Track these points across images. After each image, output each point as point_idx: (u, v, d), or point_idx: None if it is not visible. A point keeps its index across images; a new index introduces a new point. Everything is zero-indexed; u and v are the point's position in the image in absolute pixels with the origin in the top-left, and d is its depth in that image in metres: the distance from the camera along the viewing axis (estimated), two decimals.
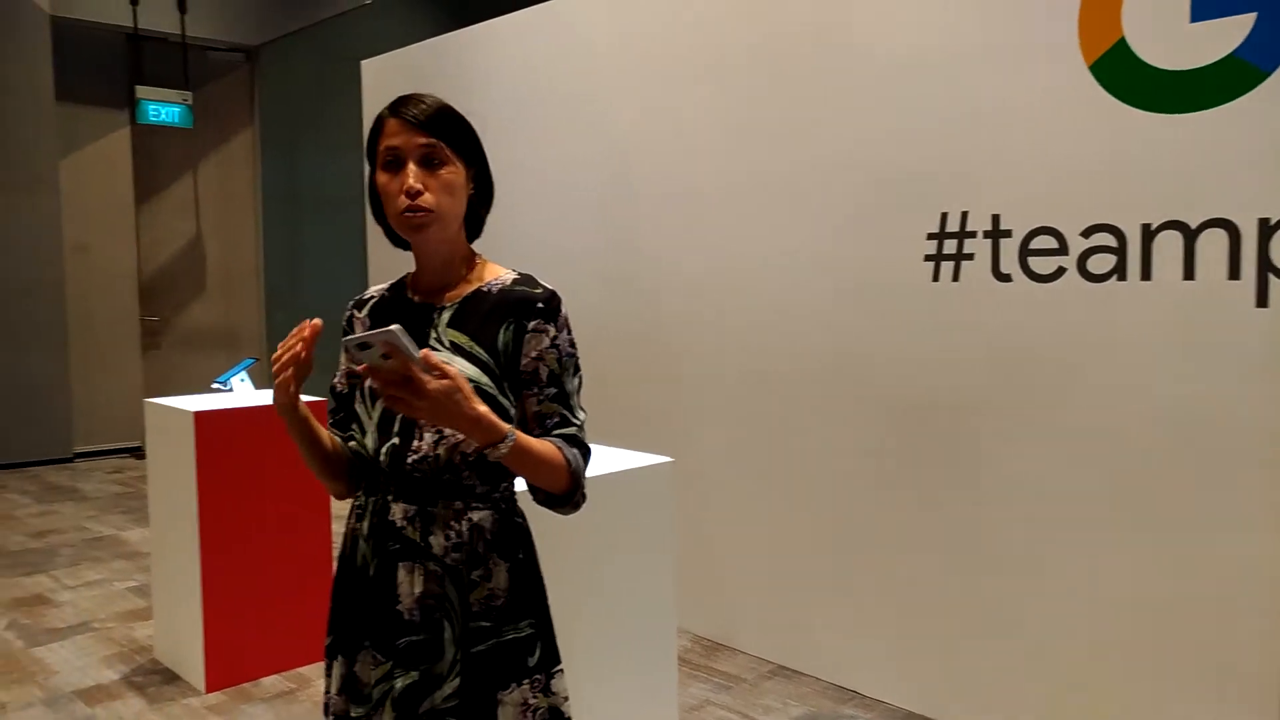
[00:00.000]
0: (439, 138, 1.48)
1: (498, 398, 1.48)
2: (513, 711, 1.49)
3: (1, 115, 7.20)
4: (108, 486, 6.84)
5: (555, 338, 1.52)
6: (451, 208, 1.50)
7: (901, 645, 3.26)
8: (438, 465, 1.48)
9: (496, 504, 1.52)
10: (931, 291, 3.12)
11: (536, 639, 1.54)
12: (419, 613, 1.47)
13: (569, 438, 1.51)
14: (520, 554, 1.54)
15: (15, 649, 3.84)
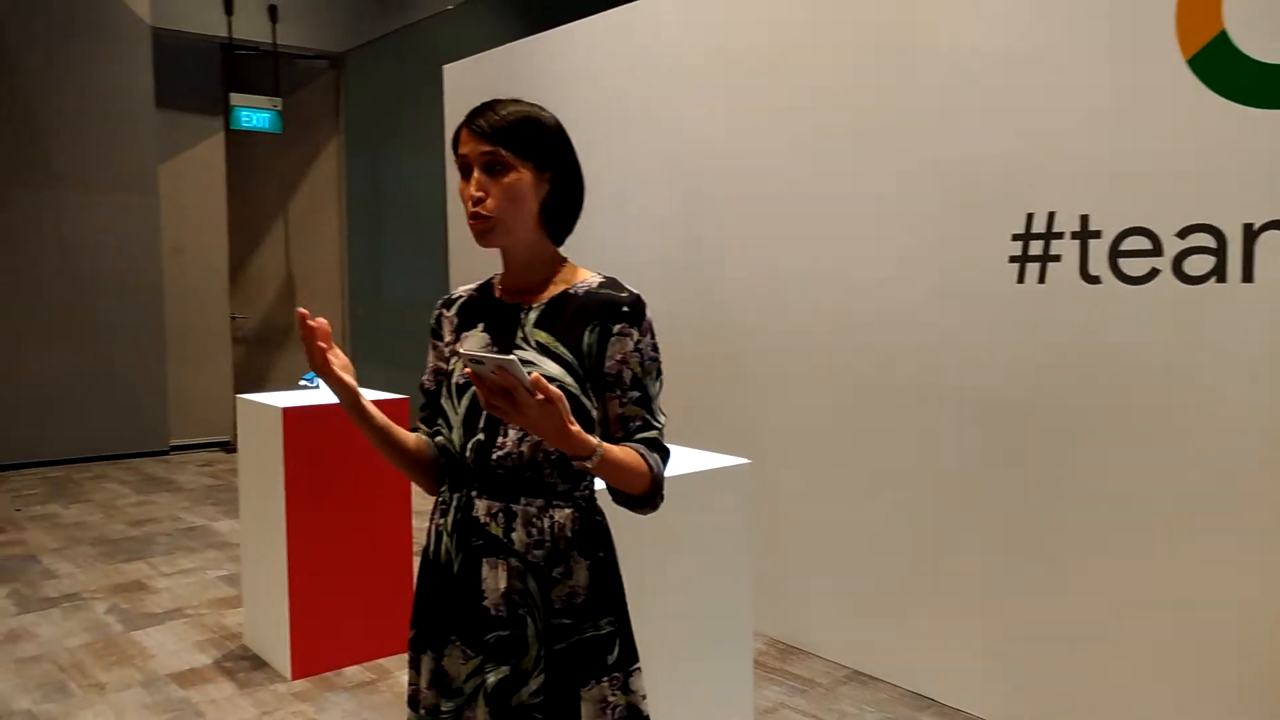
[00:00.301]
0: (502, 145, 1.49)
1: (580, 398, 1.50)
2: (593, 708, 1.51)
3: (106, 122, 7.53)
4: (200, 479, 7.09)
5: (639, 341, 1.53)
6: (512, 213, 1.51)
7: (983, 654, 3.19)
8: (521, 462, 1.50)
9: (577, 502, 1.54)
10: (1016, 294, 3.05)
11: (615, 637, 1.55)
12: (504, 608, 1.50)
13: (650, 441, 1.53)
14: (600, 552, 1.56)
15: (115, 632, 4.01)
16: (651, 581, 2.29)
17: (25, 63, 7.20)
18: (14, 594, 4.49)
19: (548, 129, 1.54)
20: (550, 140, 1.54)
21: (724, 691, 2.60)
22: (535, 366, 1.50)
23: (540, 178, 1.53)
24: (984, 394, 3.15)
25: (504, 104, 1.53)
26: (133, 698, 3.39)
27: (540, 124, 1.53)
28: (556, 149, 1.55)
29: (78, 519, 5.87)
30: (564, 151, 1.56)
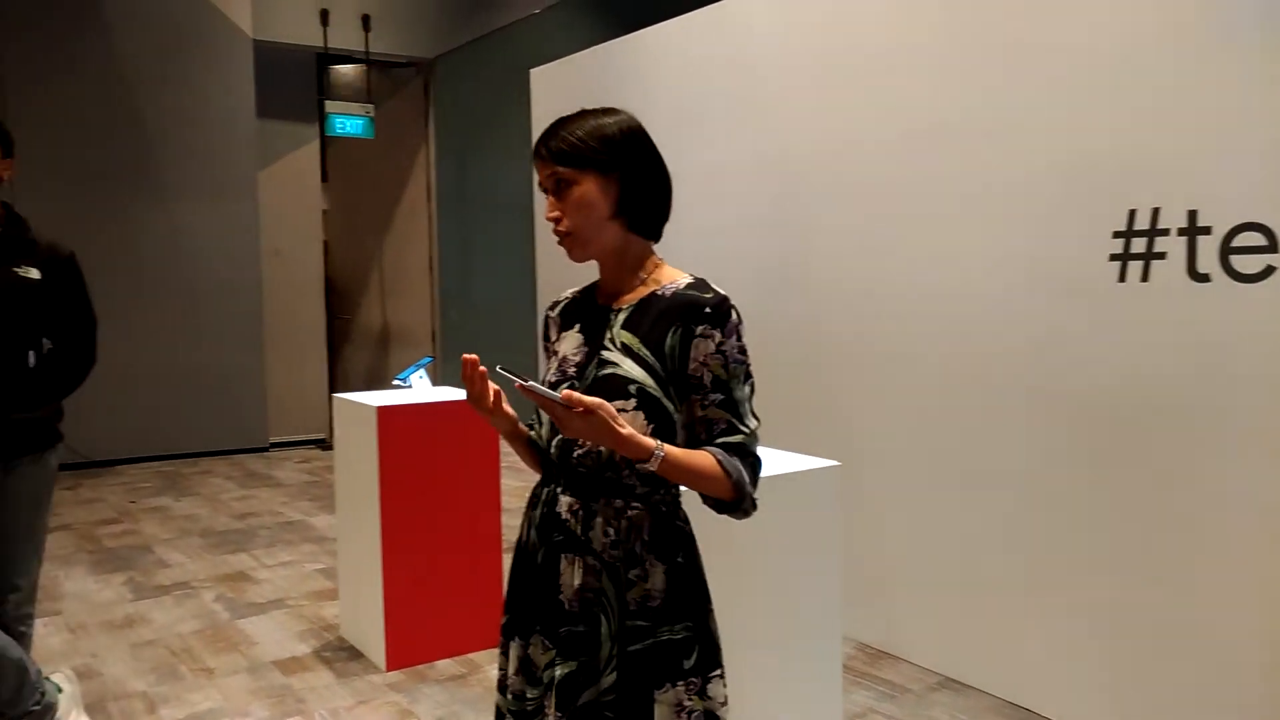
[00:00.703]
0: (560, 164, 1.54)
1: (661, 400, 1.50)
2: (668, 711, 1.51)
3: (211, 132, 7.85)
4: (298, 475, 7.33)
5: (722, 343, 1.51)
6: (586, 224, 1.55)
7: (1084, 663, 3.10)
8: (600, 462, 1.52)
9: (656, 506, 1.55)
10: (1118, 293, 2.95)
11: (694, 642, 1.54)
12: (578, 604, 1.53)
13: (732, 446, 1.51)
14: (679, 557, 1.56)
15: (222, 620, 4.18)
16: (739, 584, 2.29)
17: (138, 80, 7.55)
18: (130, 581, 4.72)
19: (607, 134, 1.55)
20: (611, 143, 1.55)
21: (812, 696, 2.58)
22: (617, 367, 1.53)
23: (607, 181, 1.55)
24: (1083, 396, 3.07)
25: (567, 122, 1.57)
26: (239, 683, 3.53)
27: (600, 131, 1.55)
28: (622, 149, 1.56)
29: (186, 511, 6.13)
30: (632, 150, 1.57)
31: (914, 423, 3.64)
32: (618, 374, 1.52)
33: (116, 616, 4.23)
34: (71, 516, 5.99)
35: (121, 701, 3.37)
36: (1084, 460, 3.07)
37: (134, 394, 7.50)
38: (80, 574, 4.83)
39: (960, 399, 3.46)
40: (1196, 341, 2.76)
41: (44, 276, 2.62)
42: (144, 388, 7.57)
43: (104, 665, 3.69)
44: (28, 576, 2.71)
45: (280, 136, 8.55)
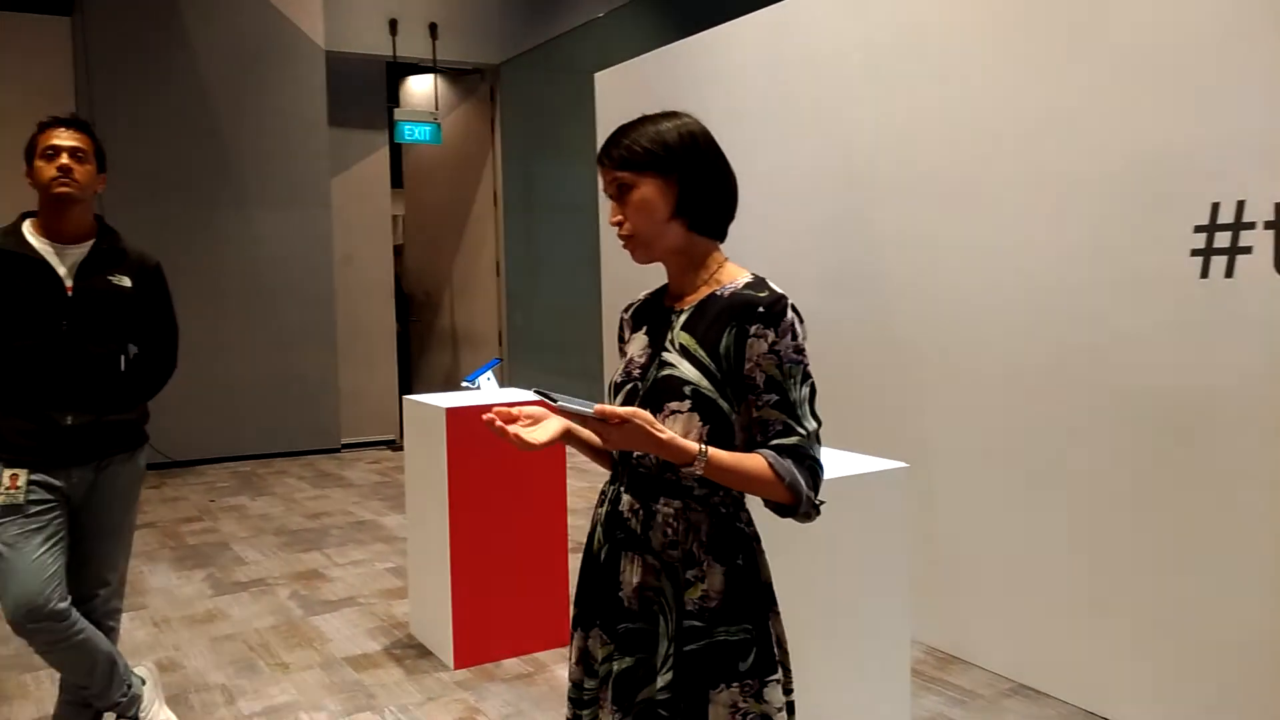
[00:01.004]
0: (619, 169, 1.56)
1: (717, 401, 1.50)
2: (723, 712, 1.51)
3: (285, 142, 8.06)
4: (368, 475, 7.48)
5: (775, 343, 1.50)
6: (647, 225, 1.56)
7: (1162, 670, 3.01)
8: (659, 464, 1.53)
9: (715, 508, 1.55)
10: (1199, 289, 2.87)
11: (751, 644, 1.53)
12: (638, 602, 1.55)
13: (786, 448, 1.49)
14: (739, 559, 1.55)
15: (296, 617, 4.29)
16: (806, 585, 2.28)
17: (218, 93, 7.80)
18: (210, 577, 4.87)
19: (667, 137, 1.56)
20: (670, 146, 1.56)
21: (880, 699, 2.55)
22: (674, 369, 1.53)
23: (667, 183, 1.56)
24: (1163, 395, 2.98)
25: (627, 129, 1.59)
26: (313, 678, 3.62)
27: (659, 136, 1.57)
28: (680, 152, 1.57)
29: (262, 510, 6.30)
30: (691, 151, 1.58)
31: (986, 424, 3.58)
32: (674, 375, 1.53)
33: (197, 611, 4.37)
34: (155, 514, 6.20)
35: (202, 694, 3.48)
36: (1162, 462, 2.99)
37: (214, 397, 7.73)
38: (164, 570, 5.00)
39: (1034, 398, 3.39)
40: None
41: (134, 285, 2.72)
42: (223, 391, 7.80)
43: (186, 658, 3.81)
44: (116, 571, 2.81)
45: (351, 145, 8.75)
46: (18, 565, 2.50)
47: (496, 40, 9.11)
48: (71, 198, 2.57)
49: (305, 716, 3.29)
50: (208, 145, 7.78)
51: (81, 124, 2.64)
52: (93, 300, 2.62)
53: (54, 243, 2.62)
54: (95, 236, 2.69)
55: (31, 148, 2.59)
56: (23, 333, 2.54)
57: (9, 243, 2.58)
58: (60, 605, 2.53)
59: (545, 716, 3.27)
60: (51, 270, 2.58)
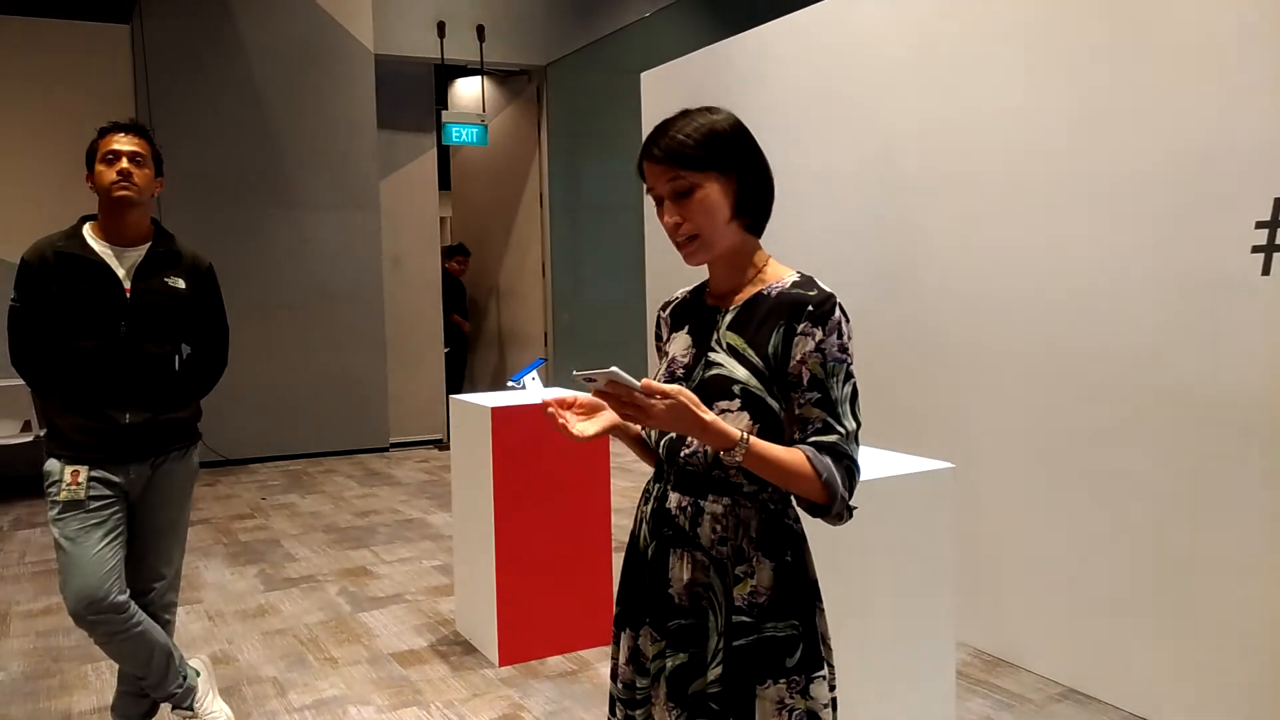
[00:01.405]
0: (681, 166, 1.51)
1: (765, 400, 1.49)
2: (770, 708, 1.51)
3: (336, 145, 8.19)
4: (416, 474, 7.57)
5: (821, 342, 1.49)
6: (711, 227, 1.53)
7: (1217, 675, 2.95)
8: (707, 461, 1.53)
9: (764, 504, 1.55)
10: (1261, 286, 2.80)
11: (799, 640, 1.54)
12: (688, 598, 1.55)
13: (825, 446, 1.47)
14: (788, 555, 1.55)
15: (345, 613, 4.36)
16: (851, 586, 2.27)
17: (270, 98, 7.95)
18: (261, 573, 4.97)
19: (721, 132, 1.54)
20: (727, 142, 1.54)
21: (925, 702, 2.53)
22: (722, 368, 1.53)
23: (727, 181, 1.53)
24: (1222, 395, 2.91)
25: (674, 123, 1.55)
26: (361, 673, 3.67)
27: (713, 130, 1.53)
28: (736, 148, 1.55)
29: (312, 508, 6.41)
30: (744, 148, 1.56)
31: (1034, 424, 3.53)
32: (722, 374, 1.52)
33: (250, 606, 4.46)
34: (210, 511, 6.33)
35: (254, 686, 3.56)
36: (1220, 463, 2.92)
37: (265, 397, 7.88)
38: (218, 565, 5.11)
39: (1085, 397, 3.33)
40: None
41: (188, 286, 2.80)
42: (274, 391, 7.95)
43: (239, 652, 3.90)
44: (172, 566, 2.89)
45: (399, 147, 8.86)
46: (79, 559, 2.58)
47: (543, 41, 9.16)
48: (131, 201, 2.65)
49: (353, 710, 3.35)
50: (260, 149, 7.94)
51: (140, 129, 2.71)
52: (150, 302, 2.70)
53: (113, 245, 2.69)
54: (152, 239, 2.76)
55: (92, 153, 2.67)
56: (83, 333, 2.63)
57: (71, 246, 2.66)
58: (119, 598, 2.61)
59: (589, 714, 3.29)
60: (111, 272, 2.66)
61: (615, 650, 1.70)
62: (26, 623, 4.28)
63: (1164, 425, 3.07)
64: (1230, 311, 2.88)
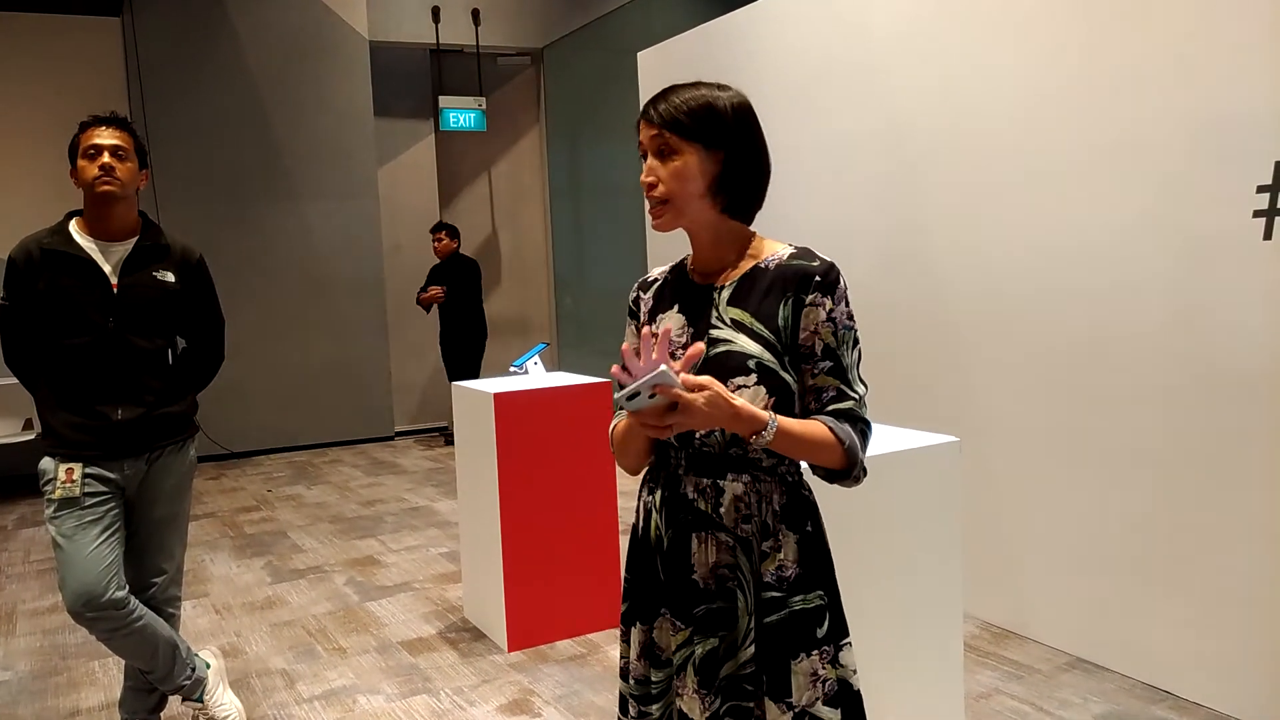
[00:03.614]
0: (668, 129, 1.51)
1: (779, 372, 1.49)
2: (804, 681, 1.51)
3: (333, 134, 8.15)
4: (421, 462, 7.56)
5: (832, 310, 1.50)
6: (681, 193, 1.52)
7: (1229, 643, 2.92)
8: (725, 440, 1.52)
9: (783, 477, 1.55)
10: (1262, 251, 2.75)
11: (826, 610, 1.54)
12: (714, 582, 1.53)
13: (843, 413, 1.50)
14: (809, 526, 1.56)
15: (353, 602, 4.36)
16: (858, 561, 2.24)
17: (265, 88, 7.90)
18: (268, 565, 4.97)
19: (719, 109, 1.53)
20: (721, 120, 1.53)
21: (934, 674, 2.51)
22: (732, 344, 1.51)
23: (709, 157, 1.52)
24: (1220, 364, 2.88)
25: (680, 89, 1.54)
26: (369, 662, 3.67)
27: (710, 105, 1.52)
28: (729, 128, 1.53)
29: (318, 499, 6.41)
30: (739, 130, 1.54)
31: (1041, 396, 3.50)
32: (734, 350, 1.50)
33: (257, 598, 4.46)
34: (215, 504, 6.34)
35: (263, 678, 3.55)
36: (1224, 433, 2.89)
37: (269, 389, 7.88)
38: (224, 558, 5.11)
39: (1090, 367, 3.30)
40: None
41: (179, 280, 2.77)
42: (278, 383, 7.94)
43: (247, 644, 3.89)
44: (173, 560, 2.87)
45: (397, 133, 8.81)
46: (75, 556, 2.56)
47: (539, 23, 9.09)
48: (114, 196, 2.61)
49: (363, 699, 3.34)
50: (256, 140, 7.89)
51: (122, 122, 2.67)
52: (138, 296, 2.67)
53: (99, 240, 2.66)
54: (139, 233, 2.73)
55: (74, 148, 2.63)
56: (72, 330, 2.60)
57: (56, 242, 2.63)
58: (118, 594, 2.59)
59: (599, 697, 3.28)
60: (97, 268, 2.63)
61: (625, 649, 1.67)
62: (33, 621, 4.29)
63: (1169, 394, 3.03)
64: (1234, 278, 2.83)
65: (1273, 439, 2.77)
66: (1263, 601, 2.83)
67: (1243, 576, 2.88)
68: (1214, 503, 2.94)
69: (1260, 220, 2.76)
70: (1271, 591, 2.80)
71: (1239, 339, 2.83)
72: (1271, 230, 2.73)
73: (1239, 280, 2.82)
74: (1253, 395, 2.81)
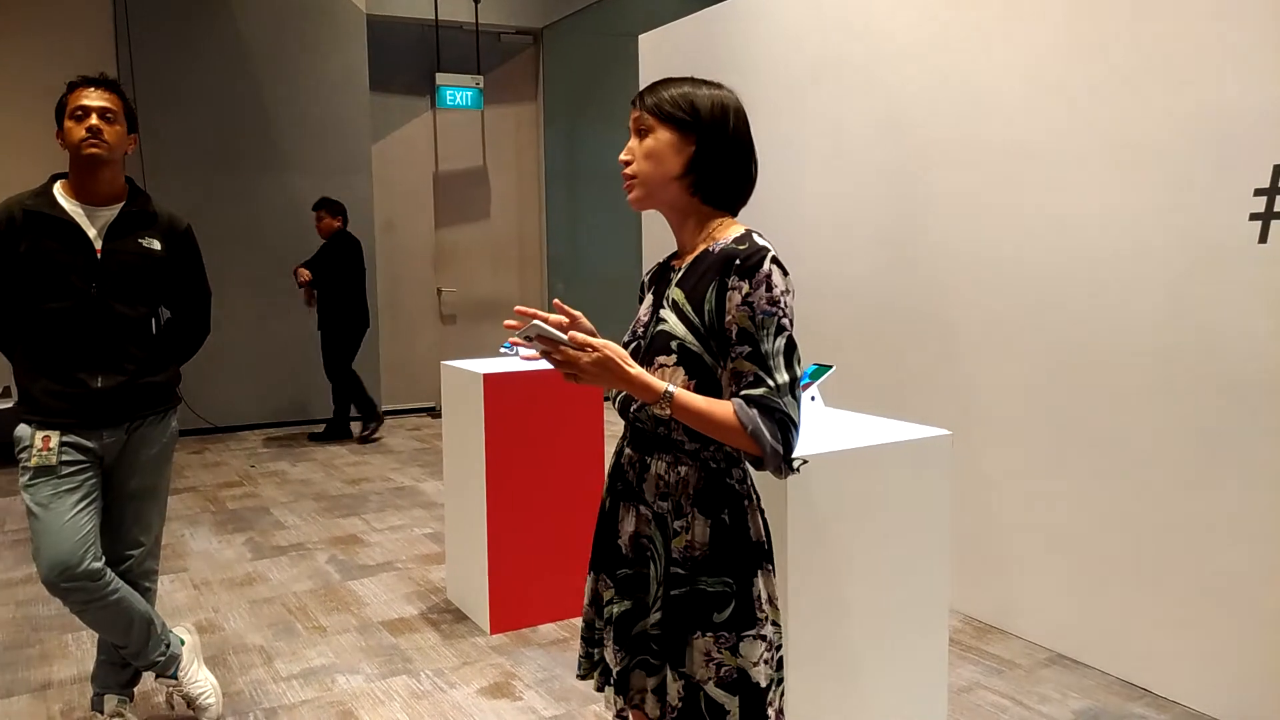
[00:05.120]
0: (647, 110, 1.60)
1: (702, 356, 1.53)
2: (699, 657, 1.57)
3: (327, 108, 8.06)
4: (408, 442, 7.52)
5: (749, 295, 1.50)
6: (650, 173, 1.60)
7: (1207, 643, 2.92)
8: (654, 419, 1.58)
9: (705, 462, 1.58)
10: (1258, 254, 2.73)
11: (730, 598, 1.57)
12: (632, 549, 1.65)
13: (754, 399, 1.48)
14: (725, 515, 1.58)
15: (334, 581, 4.32)
16: (845, 552, 2.23)
17: (258, 58, 7.80)
18: (249, 541, 4.92)
19: (697, 100, 1.59)
20: (698, 109, 1.59)
21: (917, 667, 2.49)
22: (665, 324, 1.58)
23: (683, 140, 1.58)
24: (1212, 364, 2.86)
25: (670, 82, 1.62)
26: (349, 641, 3.64)
27: (690, 96, 1.60)
28: (706, 118, 1.59)
29: (302, 476, 6.37)
30: (716, 121, 1.59)
31: (1031, 393, 3.48)
32: (664, 330, 1.58)
33: (237, 575, 4.42)
34: (197, 479, 6.29)
35: (240, 655, 3.52)
36: (1205, 434, 2.88)
37: (255, 363, 7.80)
38: (204, 534, 5.07)
39: (1081, 366, 3.28)
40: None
41: (165, 248, 2.71)
42: (264, 357, 7.87)
43: (225, 620, 3.86)
44: (150, 533, 2.82)
45: (393, 110, 8.72)
46: (51, 525, 2.52)
47: (540, 3, 9.00)
48: (100, 159, 2.55)
49: (342, 679, 3.31)
50: (248, 111, 7.80)
51: (111, 83, 2.61)
52: (122, 262, 2.62)
53: (84, 204, 2.60)
54: (126, 198, 2.67)
55: (61, 108, 2.57)
56: (53, 295, 2.54)
57: (39, 204, 2.57)
58: (94, 565, 2.55)
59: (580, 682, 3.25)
60: (81, 232, 2.58)
61: (587, 592, 1.79)
62: (6, 592, 4.24)
63: (1159, 393, 3.02)
64: (1228, 280, 2.82)
65: (1257, 441, 2.76)
66: (1241, 601, 2.83)
67: (1222, 577, 2.87)
68: (1196, 503, 2.93)
69: (1256, 223, 2.73)
70: (1249, 591, 2.80)
71: (1229, 341, 2.82)
72: (1268, 233, 2.71)
73: (1233, 282, 2.80)
74: (1239, 397, 2.80)
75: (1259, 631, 2.79)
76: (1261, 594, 2.78)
